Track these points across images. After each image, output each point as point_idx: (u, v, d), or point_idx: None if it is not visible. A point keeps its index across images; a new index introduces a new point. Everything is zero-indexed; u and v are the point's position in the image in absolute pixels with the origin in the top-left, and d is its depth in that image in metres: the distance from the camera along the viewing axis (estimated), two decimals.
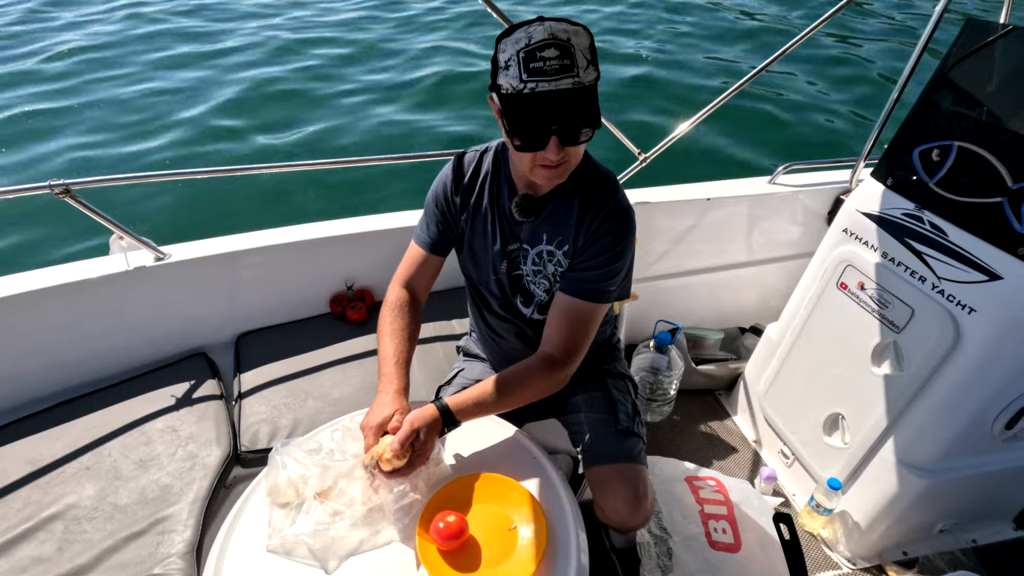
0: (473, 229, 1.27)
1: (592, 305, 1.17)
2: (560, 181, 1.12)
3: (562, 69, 0.94)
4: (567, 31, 0.95)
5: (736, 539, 1.56)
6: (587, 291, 1.16)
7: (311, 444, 1.12)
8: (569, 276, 1.19)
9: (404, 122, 5.39)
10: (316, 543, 0.96)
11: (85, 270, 1.59)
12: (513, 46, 0.95)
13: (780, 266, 2.35)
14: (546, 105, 0.96)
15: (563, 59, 0.94)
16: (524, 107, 0.97)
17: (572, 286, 1.17)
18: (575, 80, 0.95)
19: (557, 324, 1.18)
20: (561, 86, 0.95)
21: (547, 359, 1.16)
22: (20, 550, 1.20)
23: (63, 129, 5.02)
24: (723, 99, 1.95)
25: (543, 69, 0.94)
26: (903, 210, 1.53)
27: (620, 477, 1.23)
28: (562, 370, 1.16)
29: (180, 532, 1.26)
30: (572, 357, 1.17)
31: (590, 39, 0.98)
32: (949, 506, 1.67)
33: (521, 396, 1.14)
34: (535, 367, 1.16)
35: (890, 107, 1.98)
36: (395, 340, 1.21)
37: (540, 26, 0.95)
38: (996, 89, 1.36)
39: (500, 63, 0.98)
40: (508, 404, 1.14)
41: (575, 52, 0.95)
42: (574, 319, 1.17)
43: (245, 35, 7.28)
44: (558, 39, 0.94)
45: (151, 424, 1.49)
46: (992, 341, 1.35)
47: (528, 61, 0.94)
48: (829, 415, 1.72)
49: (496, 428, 1.26)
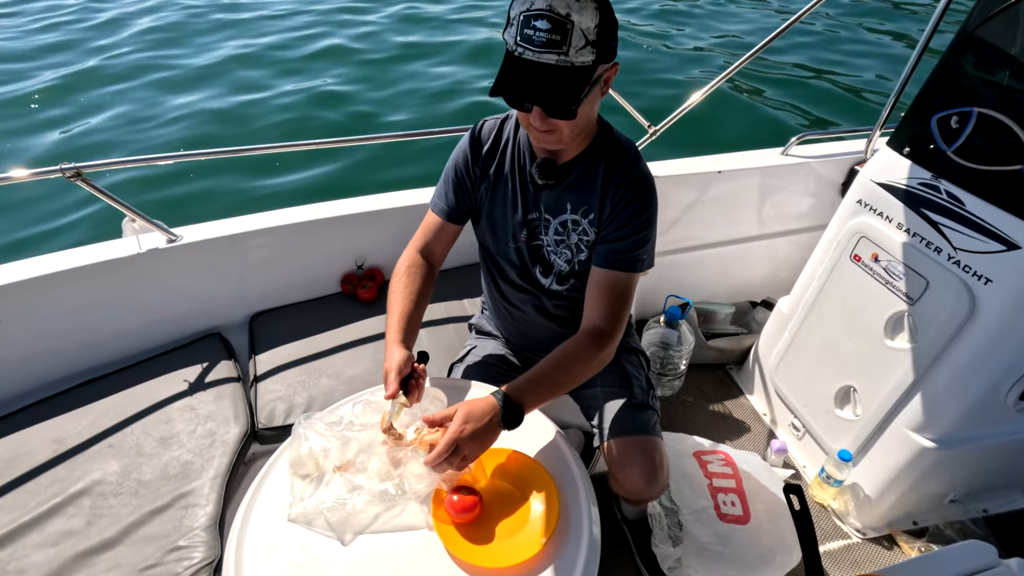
0: (493, 198, 1.27)
1: (628, 275, 1.17)
2: (555, 147, 1.13)
3: (549, 43, 0.94)
4: (570, 7, 0.93)
5: (745, 511, 1.58)
6: (621, 261, 1.16)
7: (333, 417, 1.14)
8: (600, 249, 1.19)
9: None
10: (334, 516, 0.99)
11: (100, 253, 1.61)
12: (519, 6, 0.96)
13: (792, 239, 2.32)
14: (526, 73, 0.97)
15: (553, 33, 0.93)
16: (508, 68, 0.99)
17: (605, 259, 1.17)
18: (560, 57, 0.95)
19: (597, 297, 1.18)
20: (544, 60, 0.95)
21: (594, 332, 1.15)
22: (51, 524, 1.24)
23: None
24: (733, 70, 1.91)
25: (531, 38, 0.94)
26: (919, 179, 1.50)
27: (636, 450, 1.24)
28: (610, 342, 1.15)
29: (203, 506, 1.29)
30: (617, 328, 1.17)
31: (599, 19, 0.95)
32: (960, 476, 1.68)
33: (579, 374, 1.11)
34: (584, 343, 1.13)
35: (907, 74, 1.93)
36: (399, 297, 1.20)
37: None
38: (1020, 52, 1.32)
39: (509, 18, 0.99)
40: (568, 385, 1.11)
41: (571, 29, 0.93)
42: (613, 290, 1.17)
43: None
44: (555, 12, 0.92)
45: (170, 403, 1.53)
46: (1008, 312, 1.34)
47: (523, 26, 0.95)
48: (841, 388, 1.72)
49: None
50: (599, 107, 1.14)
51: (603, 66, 1.02)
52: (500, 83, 0.99)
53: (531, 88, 0.98)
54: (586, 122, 1.11)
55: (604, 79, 1.06)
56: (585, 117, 1.07)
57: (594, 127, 1.18)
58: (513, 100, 1.03)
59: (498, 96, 1.00)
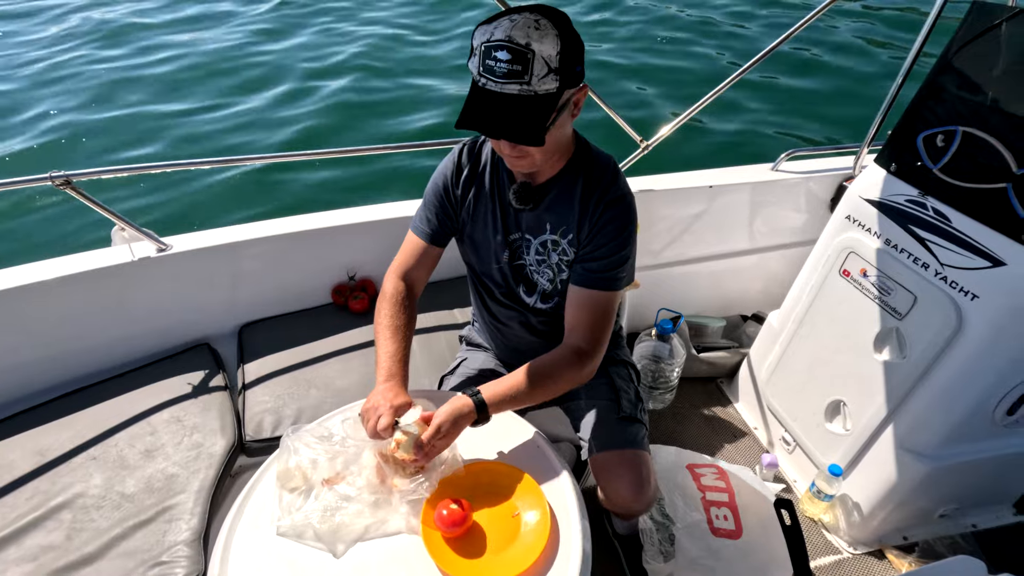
0: (474, 219, 1.27)
1: (607, 293, 1.18)
2: (528, 170, 1.14)
3: (510, 74, 0.95)
4: (530, 36, 0.93)
5: (737, 525, 1.57)
6: (600, 281, 1.17)
7: (322, 431, 1.13)
8: (579, 268, 1.19)
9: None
10: (323, 527, 0.98)
11: (88, 261, 1.59)
12: (480, 36, 0.97)
13: (782, 253, 2.34)
14: (490, 104, 0.98)
15: (514, 64, 0.94)
16: (473, 99, 1.00)
17: (584, 277, 1.18)
18: (523, 87, 0.96)
19: (577, 316, 1.18)
20: (507, 90, 0.96)
21: (575, 350, 1.16)
22: (30, 538, 1.21)
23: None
24: (725, 85, 1.93)
25: (493, 69, 0.95)
26: (906, 196, 1.52)
27: (623, 463, 1.24)
28: (591, 360, 1.16)
29: (187, 520, 1.27)
30: (598, 346, 1.17)
31: (560, 45, 0.95)
32: (950, 491, 1.68)
33: (553, 388, 1.13)
34: (564, 359, 1.15)
35: (894, 92, 1.96)
36: (397, 337, 1.20)
37: (508, 23, 0.94)
38: (1002, 73, 1.35)
39: (472, 47, 1.00)
40: (540, 397, 1.13)
41: (532, 59, 0.94)
42: (593, 309, 1.17)
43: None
44: (515, 43, 0.93)
45: (156, 414, 1.50)
46: (995, 327, 1.35)
47: (485, 57, 0.96)
48: (831, 402, 1.73)
49: (499, 416, 1.26)
50: (572, 128, 1.15)
51: (569, 91, 1.02)
52: (466, 115, 1.00)
53: (496, 119, 0.98)
54: (557, 145, 1.12)
55: (572, 102, 1.06)
56: (555, 141, 1.08)
57: (570, 147, 1.18)
58: (479, 128, 1.02)
59: (464, 128, 1.00)
